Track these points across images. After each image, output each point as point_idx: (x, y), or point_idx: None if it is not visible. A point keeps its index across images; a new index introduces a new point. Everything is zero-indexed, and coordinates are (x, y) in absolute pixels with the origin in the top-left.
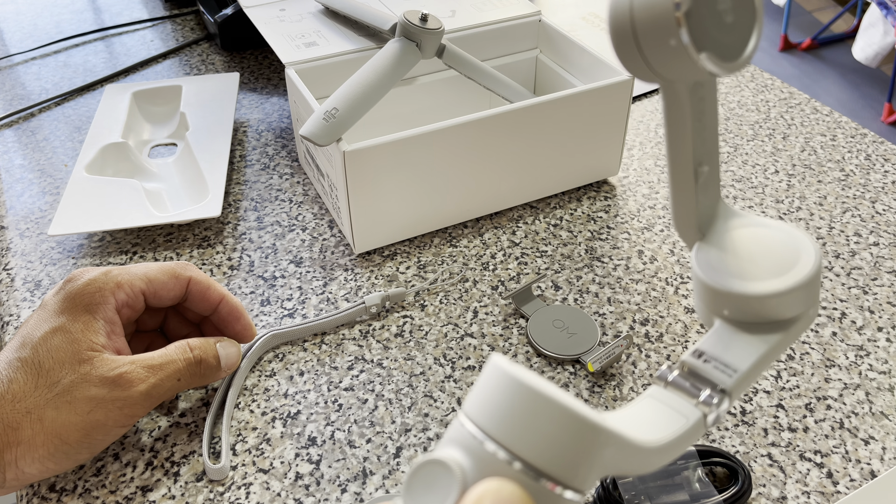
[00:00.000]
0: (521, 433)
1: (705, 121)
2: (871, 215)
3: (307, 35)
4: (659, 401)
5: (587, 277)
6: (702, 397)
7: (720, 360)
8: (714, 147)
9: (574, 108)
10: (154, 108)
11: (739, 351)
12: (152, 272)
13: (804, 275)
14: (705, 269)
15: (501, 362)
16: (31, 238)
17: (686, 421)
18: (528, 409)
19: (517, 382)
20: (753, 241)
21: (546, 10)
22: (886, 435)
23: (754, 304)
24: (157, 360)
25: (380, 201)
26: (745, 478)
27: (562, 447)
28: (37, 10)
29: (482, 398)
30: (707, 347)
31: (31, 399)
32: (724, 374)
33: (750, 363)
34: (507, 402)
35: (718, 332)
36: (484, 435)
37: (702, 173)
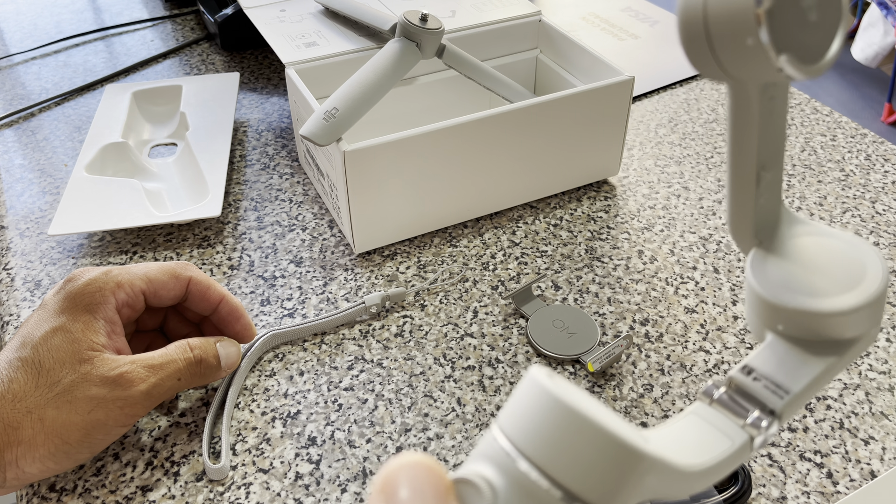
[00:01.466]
0: (557, 455)
1: (773, 123)
2: (871, 215)
3: (307, 35)
4: (703, 419)
5: (587, 277)
6: (750, 419)
7: (771, 378)
8: (780, 151)
9: (574, 108)
10: (154, 107)
11: (793, 370)
12: (152, 272)
13: (871, 292)
14: (761, 278)
15: (540, 377)
16: (31, 238)
17: (731, 444)
18: (566, 430)
19: (556, 401)
20: (816, 251)
21: (546, 10)
22: (886, 435)
23: (815, 320)
24: (157, 359)
25: (380, 201)
26: (744, 478)
27: (601, 473)
28: (37, 9)
29: (518, 413)
30: (758, 364)
31: (31, 398)
32: (774, 395)
33: (803, 384)
34: (544, 421)
35: (771, 348)
36: (518, 453)
37: (764, 178)
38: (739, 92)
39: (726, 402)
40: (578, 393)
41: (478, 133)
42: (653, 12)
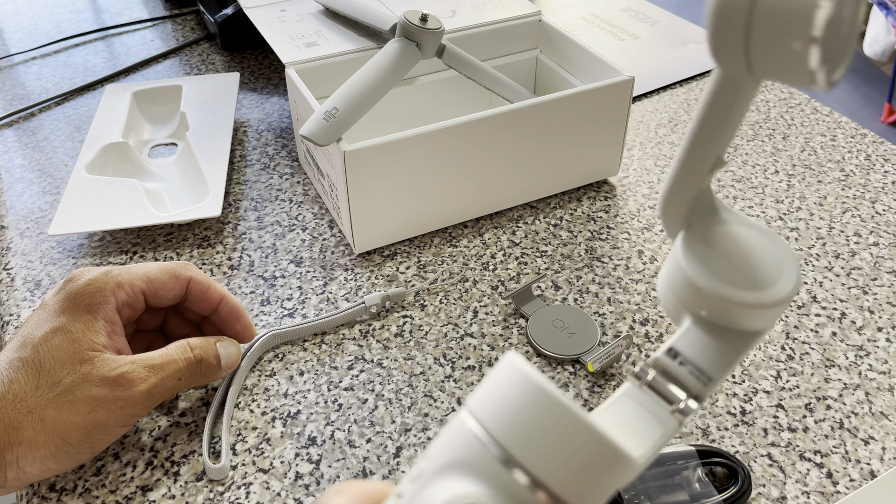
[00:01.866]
0: (545, 455)
1: (741, 117)
2: (871, 215)
3: (307, 35)
4: (637, 402)
5: (587, 277)
6: (680, 405)
7: (695, 364)
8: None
9: (574, 108)
10: (154, 107)
11: (713, 357)
12: (152, 272)
13: (789, 290)
14: (693, 263)
15: (524, 366)
16: (32, 238)
17: (665, 430)
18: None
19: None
20: (743, 243)
21: (546, 10)
22: (886, 435)
23: (740, 310)
24: (157, 359)
25: (380, 201)
26: (744, 478)
27: (589, 476)
28: (37, 9)
29: (500, 407)
30: (682, 348)
31: (32, 399)
32: (698, 382)
33: (724, 372)
34: (532, 418)
35: (693, 333)
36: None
37: (718, 166)
38: (733, 83)
39: (657, 385)
40: (556, 388)
41: (478, 133)
42: (653, 12)
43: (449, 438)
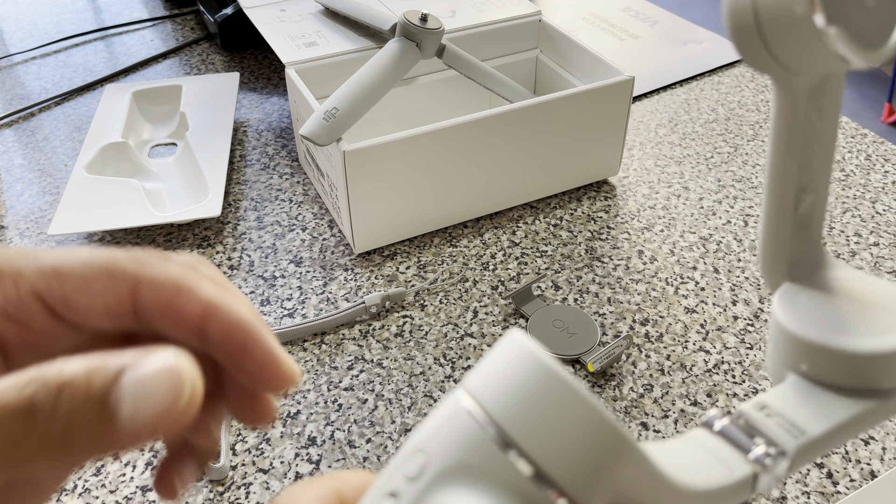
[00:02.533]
0: (534, 425)
1: (818, 140)
2: (872, 215)
3: (307, 35)
4: (703, 447)
5: (587, 277)
6: (755, 454)
7: (787, 417)
8: (824, 175)
9: (574, 108)
10: (154, 107)
11: (814, 412)
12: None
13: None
14: (789, 311)
15: (530, 346)
16: (31, 238)
17: (730, 473)
18: (549, 399)
19: (541, 365)
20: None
21: (546, 9)
22: (886, 435)
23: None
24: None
25: (380, 201)
26: None
27: (579, 450)
28: (37, 9)
29: (506, 393)
30: (773, 401)
31: None
32: (788, 434)
33: (824, 428)
34: (542, 406)
35: (791, 387)
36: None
37: (803, 201)
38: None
39: (731, 433)
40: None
41: (478, 133)
42: (653, 12)
43: (447, 429)
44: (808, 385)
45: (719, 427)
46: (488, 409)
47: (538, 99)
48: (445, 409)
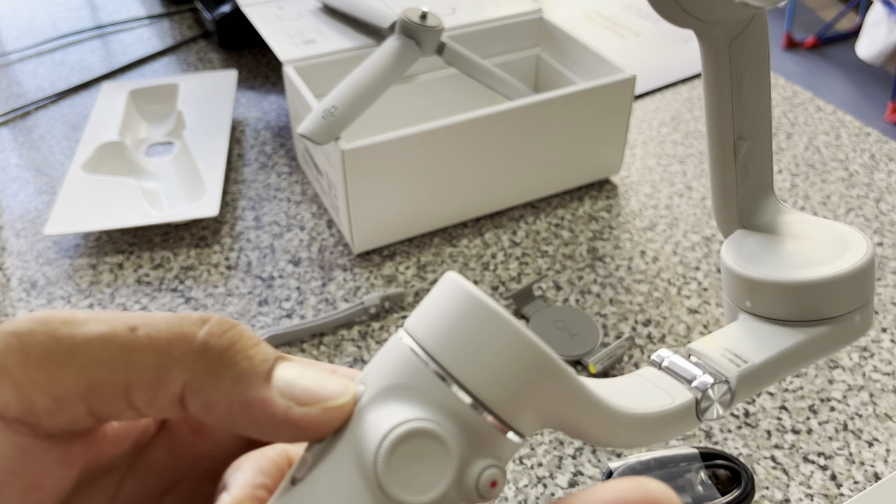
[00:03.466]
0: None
1: (746, 88)
2: (875, 215)
3: (306, 33)
4: (648, 380)
5: (589, 278)
6: (696, 381)
7: (731, 350)
8: (760, 123)
9: (575, 106)
10: (151, 106)
11: (756, 344)
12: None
13: (847, 268)
14: (734, 254)
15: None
16: (27, 238)
17: (672, 401)
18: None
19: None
20: (798, 232)
21: (547, 7)
22: (891, 437)
23: (782, 293)
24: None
25: (379, 201)
26: (747, 480)
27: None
28: (33, 7)
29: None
30: (720, 337)
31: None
32: (731, 364)
33: (764, 357)
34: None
35: (737, 325)
36: (445, 372)
37: (741, 148)
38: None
39: (678, 366)
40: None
41: (478, 132)
42: None
43: (386, 361)
44: (755, 321)
45: (667, 363)
46: (425, 344)
47: (539, 97)
48: (387, 347)
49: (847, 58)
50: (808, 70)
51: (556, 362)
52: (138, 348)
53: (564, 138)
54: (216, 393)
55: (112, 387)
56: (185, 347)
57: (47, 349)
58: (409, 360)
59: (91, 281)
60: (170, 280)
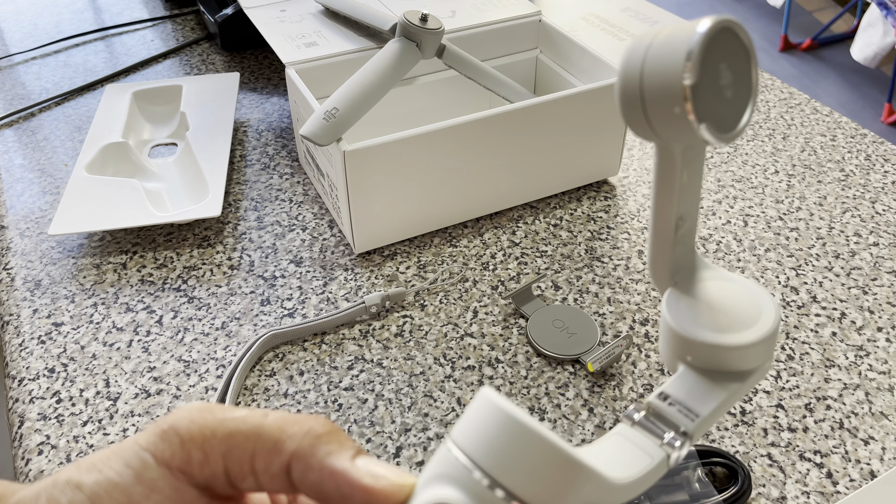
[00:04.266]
0: (509, 465)
1: (692, 180)
2: (871, 215)
3: (307, 35)
4: (626, 439)
5: (587, 277)
6: (666, 439)
7: (683, 404)
8: (695, 204)
9: (574, 108)
10: (154, 107)
11: (701, 397)
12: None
13: (765, 331)
14: (676, 316)
15: (493, 395)
16: (32, 238)
17: (651, 461)
18: (518, 443)
19: (508, 416)
20: (721, 294)
21: (546, 10)
22: (886, 435)
23: (718, 353)
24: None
25: (380, 201)
26: (744, 478)
27: (548, 481)
28: (37, 9)
29: (472, 428)
30: (672, 391)
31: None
32: (686, 419)
33: (710, 409)
34: (497, 435)
35: (682, 378)
36: (473, 465)
37: (681, 226)
38: (665, 152)
39: (645, 424)
40: (525, 413)
41: (478, 133)
42: (653, 12)
43: (435, 460)
44: (694, 373)
45: (637, 418)
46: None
47: (538, 99)
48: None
49: (843, 60)
50: (804, 72)
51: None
52: (266, 426)
53: (563, 140)
54: (313, 461)
55: (243, 450)
56: (297, 429)
57: (207, 421)
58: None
59: (95, 280)
60: (173, 280)
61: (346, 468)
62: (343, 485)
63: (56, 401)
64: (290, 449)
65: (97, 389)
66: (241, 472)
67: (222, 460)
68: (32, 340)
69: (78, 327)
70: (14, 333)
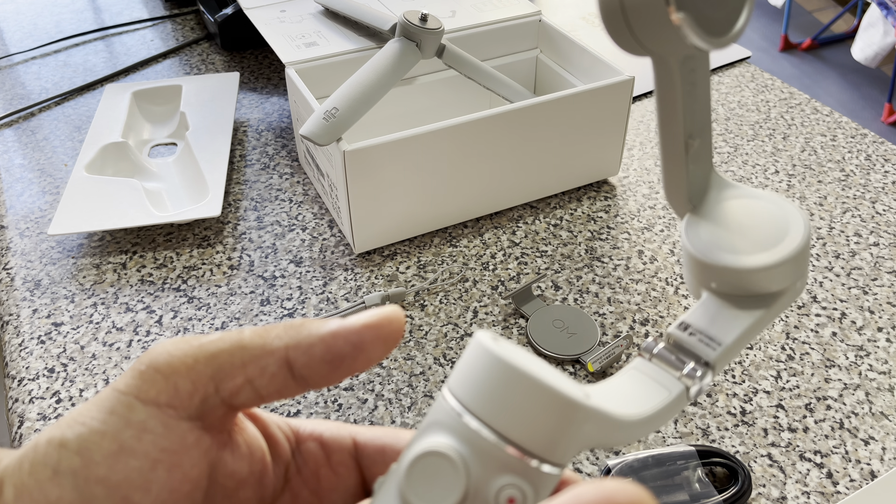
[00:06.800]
0: (499, 408)
1: (696, 95)
2: (872, 215)
3: (307, 35)
4: (642, 373)
5: (587, 277)
6: (685, 370)
7: (705, 333)
8: (706, 121)
9: (574, 107)
10: (154, 107)
11: (725, 324)
12: None
13: (792, 249)
14: (695, 241)
15: (485, 340)
16: (31, 237)
17: (668, 394)
18: (507, 386)
19: (498, 359)
20: (744, 213)
21: (546, 10)
22: (886, 435)
23: (742, 277)
24: None
25: (380, 201)
26: (744, 478)
27: (539, 423)
28: (37, 9)
29: (464, 374)
30: (693, 320)
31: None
32: (708, 348)
33: (734, 337)
34: (487, 379)
35: (705, 305)
36: (464, 409)
37: (692, 146)
38: (661, 66)
39: (665, 356)
40: (523, 353)
41: (478, 133)
42: None
43: (430, 411)
44: (718, 300)
45: (656, 351)
46: (468, 405)
47: (538, 99)
48: (432, 410)
49: (844, 60)
50: (804, 72)
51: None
52: (246, 337)
53: (563, 140)
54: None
55: (232, 365)
56: (278, 329)
57: (185, 350)
58: (441, 402)
59: (94, 280)
60: (173, 279)
61: (342, 323)
62: (351, 334)
63: (56, 401)
64: (281, 345)
65: (97, 389)
66: (234, 386)
67: (212, 382)
68: (32, 340)
69: (78, 327)
70: (14, 333)
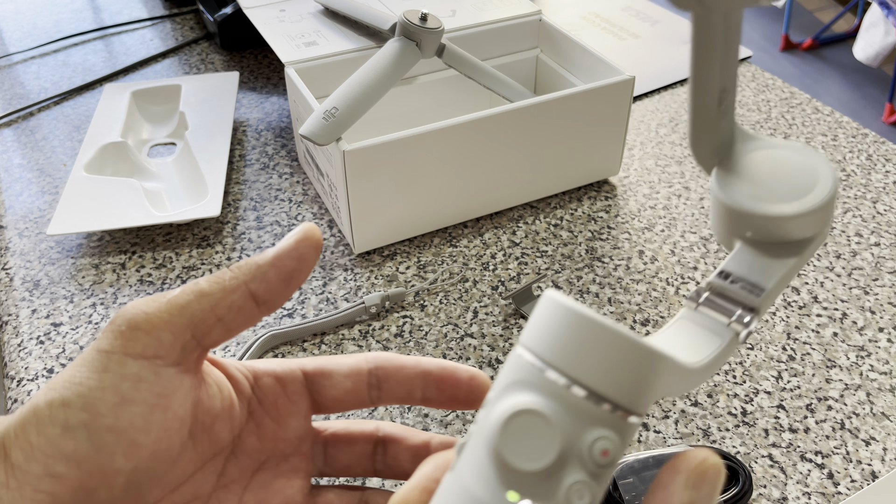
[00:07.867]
0: (586, 362)
1: (731, 49)
2: (873, 215)
3: (307, 35)
4: (693, 322)
5: (587, 278)
6: (734, 317)
7: (747, 280)
8: (735, 74)
9: (575, 107)
10: (153, 107)
11: (763, 271)
12: None
13: (825, 195)
14: (729, 192)
15: (559, 296)
16: (30, 237)
17: (721, 341)
18: (591, 339)
19: (579, 314)
20: (772, 163)
21: (546, 9)
22: (888, 436)
23: (780, 224)
24: None
25: (379, 201)
26: (745, 478)
27: (625, 374)
28: (36, 9)
29: (540, 330)
30: (732, 268)
31: None
32: (751, 294)
33: (774, 281)
34: (569, 334)
35: (741, 254)
36: (546, 365)
37: (724, 98)
38: (705, 21)
39: (711, 303)
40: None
41: (478, 133)
42: (653, 11)
43: (505, 371)
44: (752, 248)
45: (703, 300)
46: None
47: (538, 98)
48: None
49: (845, 59)
50: (805, 72)
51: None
52: (205, 286)
53: (563, 139)
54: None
55: (202, 311)
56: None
57: (158, 307)
58: (519, 360)
59: (93, 280)
60: (172, 280)
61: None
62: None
63: None
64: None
65: None
66: (206, 328)
67: (188, 330)
68: (31, 341)
69: (77, 327)
70: (13, 334)
